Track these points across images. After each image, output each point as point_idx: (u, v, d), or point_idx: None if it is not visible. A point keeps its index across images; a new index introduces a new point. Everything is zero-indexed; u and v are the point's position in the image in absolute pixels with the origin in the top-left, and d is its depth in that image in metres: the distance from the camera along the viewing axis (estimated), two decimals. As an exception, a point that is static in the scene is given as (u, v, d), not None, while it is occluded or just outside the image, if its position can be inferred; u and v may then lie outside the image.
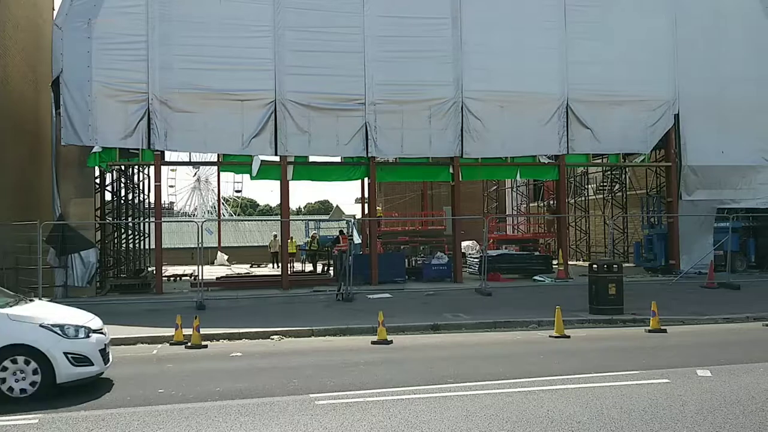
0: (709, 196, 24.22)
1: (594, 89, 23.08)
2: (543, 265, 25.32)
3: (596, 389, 8.56)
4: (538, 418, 7.24)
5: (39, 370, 8.55)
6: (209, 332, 13.29)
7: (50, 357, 8.61)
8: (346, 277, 18.61)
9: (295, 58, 21.18)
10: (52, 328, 8.83)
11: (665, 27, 23.93)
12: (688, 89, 23.85)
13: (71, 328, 8.96)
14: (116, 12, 20.09)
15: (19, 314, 8.96)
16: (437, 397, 8.31)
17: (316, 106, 21.35)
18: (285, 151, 21.36)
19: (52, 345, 8.69)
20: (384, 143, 21.87)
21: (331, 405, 7.98)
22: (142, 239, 30.21)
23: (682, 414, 7.34)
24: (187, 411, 7.79)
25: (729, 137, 24.05)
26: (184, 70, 20.49)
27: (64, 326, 8.92)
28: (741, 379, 8.97)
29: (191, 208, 69.42)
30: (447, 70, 22.16)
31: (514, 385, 8.79)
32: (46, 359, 8.59)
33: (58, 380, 8.64)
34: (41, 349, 8.60)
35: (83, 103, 19.85)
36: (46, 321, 8.91)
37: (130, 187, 27.32)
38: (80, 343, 8.93)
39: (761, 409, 7.49)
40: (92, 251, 20.26)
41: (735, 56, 24.21)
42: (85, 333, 9.06)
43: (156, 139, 20.38)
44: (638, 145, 24.02)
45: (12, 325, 8.71)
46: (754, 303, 15.90)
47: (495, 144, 22.71)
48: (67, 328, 8.93)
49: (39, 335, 8.71)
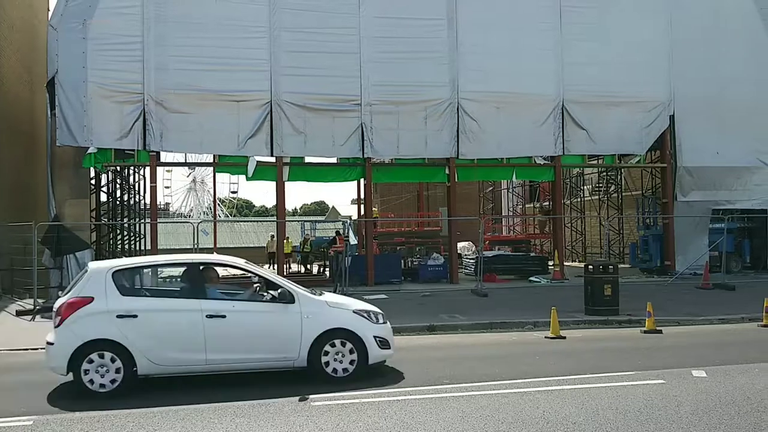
0: (704, 197, 24.27)
1: (590, 90, 23.12)
2: (539, 266, 25.36)
3: (592, 390, 8.57)
4: (534, 419, 7.24)
5: (355, 351, 9.24)
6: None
7: (364, 339, 9.33)
8: (342, 278, 18.60)
9: (290, 58, 21.17)
10: (363, 314, 9.61)
11: (661, 28, 23.98)
12: (684, 90, 23.91)
13: (376, 315, 9.75)
14: (111, 13, 20.05)
15: (335, 301, 9.90)
16: (433, 398, 8.30)
17: (311, 106, 21.34)
18: (281, 152, 21.35)
19: (365, 329, 9.43)
20: (380, 144, 21.87)
21: (327, 406, 7.97)
22: (138, 240, 30.11)
23: (678, 415, 7.34)
24: (183, 412, 7.77)
25: (724, 138, 24.11)
26: (179, 70, 20.46)
27: (370, 312, 9.72)
28: (736, 380, 8.98)
29: (187, 209, 69.29)
30: (443, 70, 22.17)
31: (510, 386, 8.79)
32: (361, 342, 9.30)
33: (370, 361, 9.35)
34: (357, 332, 9.33)
35: (78, 104, 19.80)
36: (354, 307, 9.72)
37: (125, 188, 27.27)
38: (383, 328, 9.72)
39: (756, 409, 7.51)
40: (87, 252, 20.19)
41: (731, 58, 24.26)
42: (384, 319, 9.86)
43: (151, 140, 20.35)
44: (634, 146, 24.07)
45: (332, 311, 9.52)
46: (749, 304, 15.90)
47: (491, 145, 22.74)
48: (373, 314, 9.73)
49: (354, 320, 9.47)
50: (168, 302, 9.26)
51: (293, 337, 9.10)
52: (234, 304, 9.22)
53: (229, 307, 9.08)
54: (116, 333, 8.60)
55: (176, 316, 8.93)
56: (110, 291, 8.80)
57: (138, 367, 8.63)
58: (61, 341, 8.60)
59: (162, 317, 8.87)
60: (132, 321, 8.67)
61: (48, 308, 17.19)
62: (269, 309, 9.26)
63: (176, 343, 8.80)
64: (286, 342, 9.12)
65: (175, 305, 9.09)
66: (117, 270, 9.11)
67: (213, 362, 8.95)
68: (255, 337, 9.07)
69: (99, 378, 8.52)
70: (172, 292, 9.84)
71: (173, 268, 9.94)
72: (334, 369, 9.17)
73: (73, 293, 8.91)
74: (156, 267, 10.03)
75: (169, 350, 8.75)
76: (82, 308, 8.66)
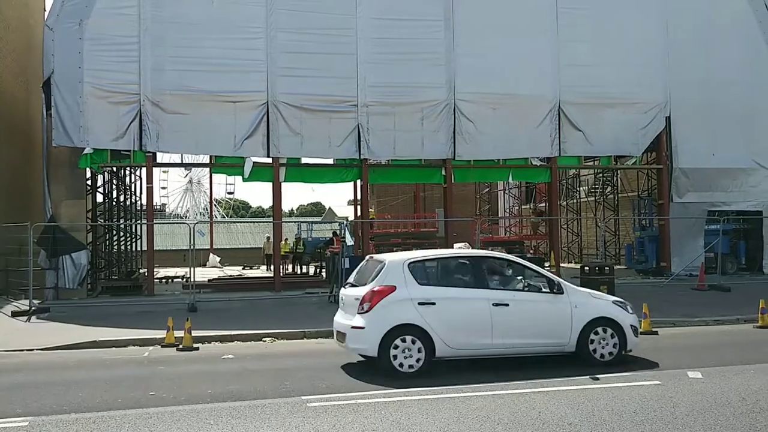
0: (699, 198, 24.32)
1: (586, 92, 23.14)
2: (535, 267, 25.30)
3: (587, 391, 8.59)
4: (530, 420, 7.25)
5: (616, 337, 10.17)
6: (201, 334, 13.24)
7: (624, 327, 10.24)
8: (338, 279, 18.58)
9: (287, 59, 21.15)
10: (621, 305, 10.55)
11: (657, 30, 24.01)
12: (680, 92, 23.96)
13: (628, 305, 10.59)
14: (108, 13, 20.01)
15: (595, 293, 11.03)
16: (429, 399, 8.31)
17: (308, 107, 21.32)
18: (277, 152, 21.33)
19: (624, 317, 10.34)
20: (376, 145, 21.86)
21: (323, 407, 7.97)
22: (134, 241, 30.10)
23: (673, 416, 7.36)
24: (179, 413, 7.76)
25: (720, 140, 24.17)
26: (176, 71, 20.42)
27: (625, 303, 10.61)
28: (732, 381, 9.01)
29: (183, 210, 69.32)
30: (439, 72, 22.18)
31: (506, 387, 8.80)
32: (620, 329, 10.22)
33: (628, 347, 10.29)
34: (618, 321, 10.26)
35: (74, 105, 19.75)
36: (612, 298, 10.81)
37: (121, 188, 27.24)
38: (635, 318, 10.63)
39: (752, 410, 7.53)
40: (83, 253, 20.16)
41: (727, 60, 24.30)
42: (633, 309, 10.65)
43: (148, 141, 20.31)
44: (630, 148, 24.11)
45: (596, 301, 10.58)
46: (745, 305, 15.93)
47: (487, 146, 22.75)
48: (627, 304, 10.60)
49: (614, 309, 10.40)
50: (459, 291, 10.19)
51: (564, 325, 10.09)
52: (514, 294, 10.21)
53: (510, 297, 10.11)
54: (418, 318, 9.62)
55: (467, 304, 9.96)
56: (409, 281, 9.87)
57: (436, 350, 9.61)
58: (372, 325, 9.58)
59: (455, 305, 9.89)
60: (431, 308, 9.69)
61: (44, 309, 17.24)
62: (544, 299, 10.24)
63: (467, 329, 9.84)
64: (559, 329, 10.12)
65: (465, 294, 10.10)
66: (412, 262, 10.15)
67: (498, 346, 9.95)
68: (533, 324, 10.10)
69: (404, 359, 9.51)
70: (460, 282, 10.55)
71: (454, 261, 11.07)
72: (601, 354, 10.13)
73: (376, 283, 9.84)
74: (443, 260, 10.90)
75: (461, 335, 9.79)
76: (388, 296, 9.68)
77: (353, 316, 9.90)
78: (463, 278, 10.52)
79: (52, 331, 14.59)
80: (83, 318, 15.97)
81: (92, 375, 10.33)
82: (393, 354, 9.47)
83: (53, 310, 17.25)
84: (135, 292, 21.21)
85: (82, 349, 12.87)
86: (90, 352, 12.55)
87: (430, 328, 9.58)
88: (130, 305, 18.15)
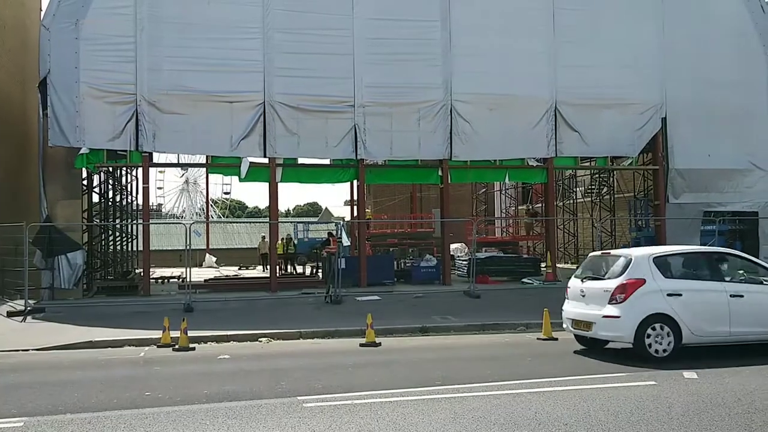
0: (695, 199, 24.35)
1: (582, 92, 23.15)
2: (531, 267, 25.37)
3: (583, 391, 8.60)
4: (526, 420, 7.26)
5: None
6: (197, 335, 13.24)
7: None
8: (334, 280, 18.59)
9: (284, 59, 21.12)
10: None
11: (654, 31, 24.03)
12: (676, 93, 23.99)
13: None
14: (104, 13, 19.95)
15: None
16: (425, 399, 8.32)
17: (305, 108, 21.31)
18: (274, 153, 21.31)
19: None
20: (373, 145, 21.85)
21: (319, 407, 7.97)
22: (130, 241, 30.05)
23: (669, 416, 7.38)
24: (175, 414, 7.75)
25: (716, 141, 24.19)
26: (172, 71, 20.38)
27: None
28: (727, 382, 9.03)
29: (179, 210, 69.22)
30: (436, 72, 22.18)
31: (502, 387, 8.81)
32: None
33: None
34: None
35: (71, 104, 19.70)
36: None
37: (117, 188, 27.18)
38: None
39: (747, 411, 7.55)
40: (79, 253, 20.12)
41: (722, 61, 24.32)
42: None
43: (144, 141, 20.27)
44: (626, 149, 24.13)
45: None
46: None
47: (484, 147, 22.75)
48: None
49: None
50: (701, 284, 11.13)
51: None
52: (748, 287, 11.09)
53: (744, 289, 11.03)
54: (667, 308, 10.66)
55: (709, 295, 10.92)
56: (655, 274, 10.89)
57: (683, 337, 10.58)
58: (628, 315, 10.61)
59: (699, 296, 10.87)
60: (678, 299, 10.71)
61: (39, 309, 17.22)
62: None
63: (709, 318, 10.79)
64: None
65: (706, 286, 11.06)
66: (656, 257, 11.14)
67: (734, 334, 10.89)
68: (764, 314, 10.96)
69: (658, 345, 10.53)
70: (699, 275, 11.43)
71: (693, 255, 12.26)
72: None
73: (626, 276, 10.86)
74: (683, 255, 12.05)
75: (703, 323, 10.73)
76: (640, 288, 10.72)
77: (600, 306, 10.93)
78: (702, 271, 11.48)
79: (48, 332, 14.57)
80: (79, 318, 15.95)
81: (88, 375, 10.32)
82: (647, 341, 10.50)
83: (49, 311, 17.22)
84: (131, 293, 21.19)
85: (78, 349, 12.86)
86: (86, 353, 12.54)
87: (678, 317, 10.60)
88: (126, 305, 18.12)
